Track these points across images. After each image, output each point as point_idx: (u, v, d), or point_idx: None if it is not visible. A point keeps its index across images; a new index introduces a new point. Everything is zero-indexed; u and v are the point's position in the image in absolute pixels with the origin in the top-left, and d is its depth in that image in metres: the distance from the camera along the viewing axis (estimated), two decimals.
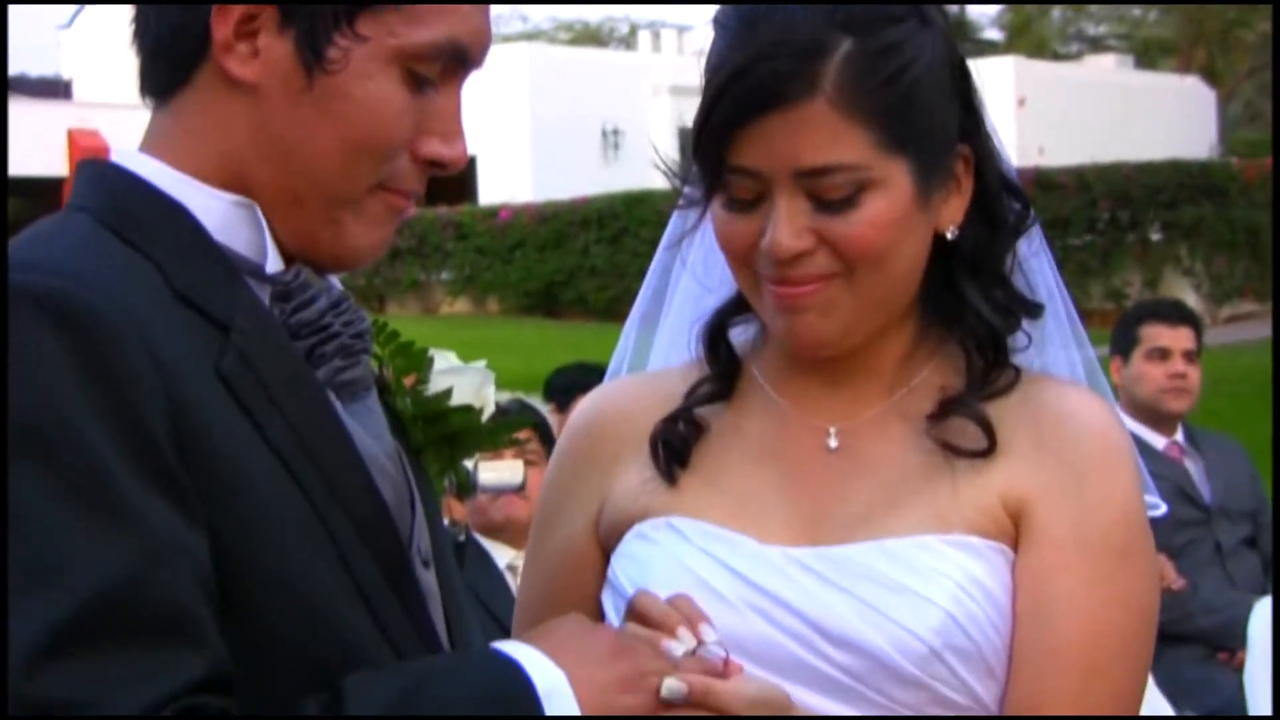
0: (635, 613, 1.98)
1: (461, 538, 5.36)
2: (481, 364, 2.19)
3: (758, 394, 2.27)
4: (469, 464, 5.54)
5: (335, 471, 1.83)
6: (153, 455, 1.68)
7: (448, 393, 2.13)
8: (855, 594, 2.11)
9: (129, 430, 1.67)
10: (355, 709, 1.70)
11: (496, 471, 5.26)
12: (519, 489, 4.70)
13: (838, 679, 2.10)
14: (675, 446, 2.24)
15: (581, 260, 28.44)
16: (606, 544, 2.25)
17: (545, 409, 6.47)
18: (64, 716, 1.59)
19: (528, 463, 4.81)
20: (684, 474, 2.23)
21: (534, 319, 27.42)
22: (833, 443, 2.22)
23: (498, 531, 5.57)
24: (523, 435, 5.61)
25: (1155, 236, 25.58)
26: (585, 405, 2.36)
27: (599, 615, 2.22)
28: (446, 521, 5.76)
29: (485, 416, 2.19)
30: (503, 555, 5.54)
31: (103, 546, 1.64)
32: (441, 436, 2.15)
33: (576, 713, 1.77)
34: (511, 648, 1.83)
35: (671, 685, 1.87)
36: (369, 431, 1.93)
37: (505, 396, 6.13)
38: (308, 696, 1.72)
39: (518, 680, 1.77)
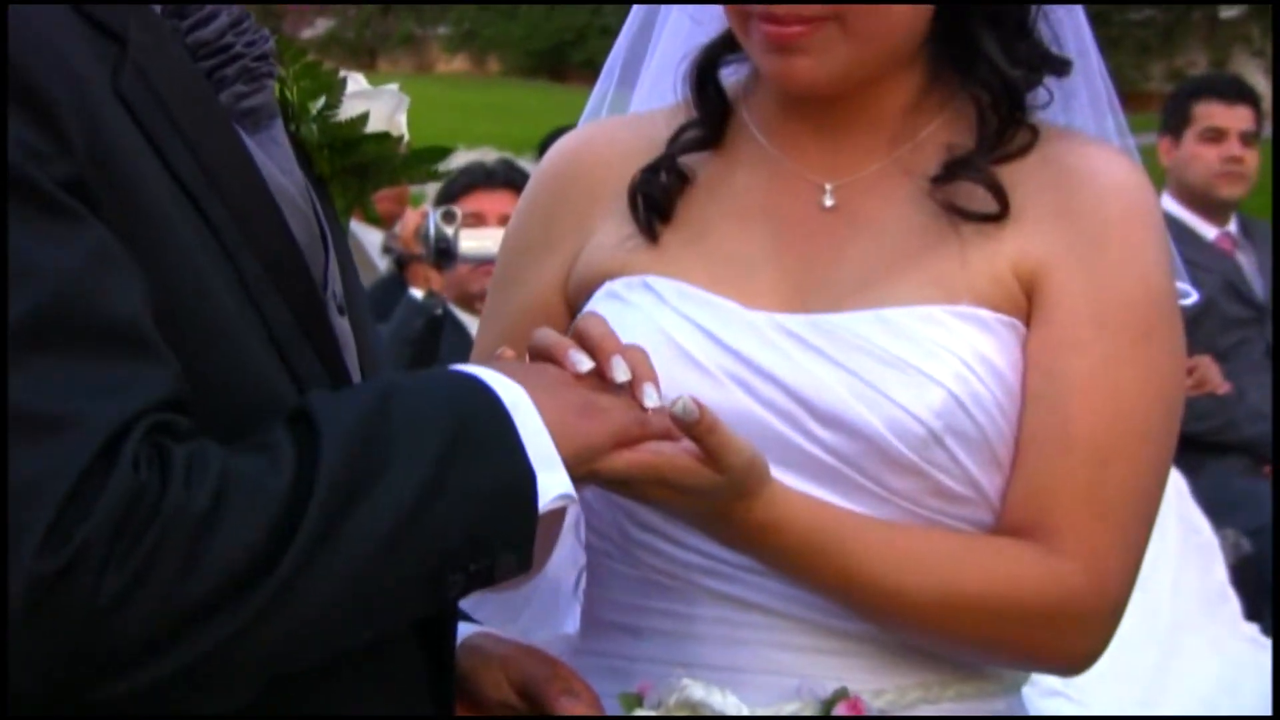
0: (575, 331, 1.95)
1: (439, 311, 5.36)
2: (393, 87, 2.12)
3: (749, 142, 2.23)
4: (449, 232, 5.50)
5: (243, 206, 1.79)
6: (72, 168, 1.64)
7: (362, 118, 2.07)
8: (848, 367, 2.08)
9: (46, 139, 1.63)
10: (328, 428, 1.69)
11: (479, 240, 5.26)
12: None
13: (825, 461, 2.08)
14: (656, 198, 2.20)
15: (592, 19, 28.14)
16: (574, 301, 2.22)
17: None
18: (39, 425, 1.58)
19: None
20: (665, 229, 2.20)
21: (538, 81, 27.22)
22: (828, 201, 2.18)
23: (477, 303, 5.57)
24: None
25: (1228, 14, 25.30)
26: (559, 149, 2.32)
27: None
28: (423, 294, 5.77)
29: (400, 147, 2.12)
30: None
31: (50, 245, 1.61)
32: (350, 167, 2.09)
33: (541, 424, 1.79)
34: (468, 368, 1.84)
35: (687, 404, 1.89)
36: (277, 165, 1.89)
37: (495, 156, 6.10)
38: (269, 421, 1.71)
39: (483, 393, 1.78)
